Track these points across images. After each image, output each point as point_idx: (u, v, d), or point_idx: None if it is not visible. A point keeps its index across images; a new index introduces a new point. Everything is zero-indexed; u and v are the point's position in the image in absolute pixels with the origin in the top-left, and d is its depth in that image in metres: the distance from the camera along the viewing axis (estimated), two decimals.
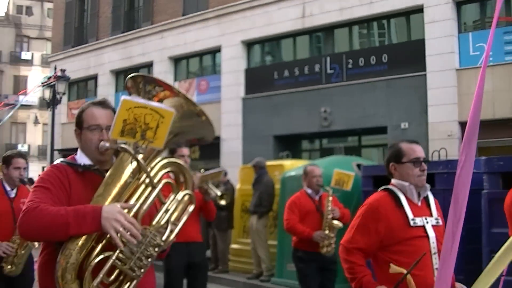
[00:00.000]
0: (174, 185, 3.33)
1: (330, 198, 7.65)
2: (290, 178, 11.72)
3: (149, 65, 25.85)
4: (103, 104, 3.43)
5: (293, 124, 19.36)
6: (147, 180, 3.09)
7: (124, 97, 2.93)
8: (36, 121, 49.64)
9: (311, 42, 21.24)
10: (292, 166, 12.74)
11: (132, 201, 3.07)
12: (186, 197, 3.35)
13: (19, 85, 50.82)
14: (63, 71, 22.65)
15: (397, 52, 18.21)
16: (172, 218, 3.24)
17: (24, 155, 6.62)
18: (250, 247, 12.84)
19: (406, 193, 4.17)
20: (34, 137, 50.03)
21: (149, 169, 3.10)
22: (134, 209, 3.01)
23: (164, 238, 3.13)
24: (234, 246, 14.00)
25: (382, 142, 18.90)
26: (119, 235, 2.85)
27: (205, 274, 7.65)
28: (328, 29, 20.09)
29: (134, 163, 3.08)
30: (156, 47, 25.12)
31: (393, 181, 4.29)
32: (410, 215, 4.07)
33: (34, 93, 27.36)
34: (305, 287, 7.98)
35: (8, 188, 6.42)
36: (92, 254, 2.93)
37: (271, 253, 12.36)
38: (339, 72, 19.18)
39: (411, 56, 17.64)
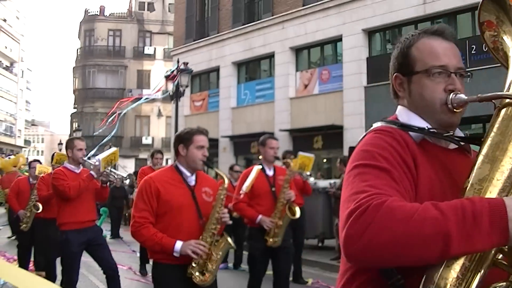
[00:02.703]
0: None
1: None
2: None
3: (270, 56, 26.31)
4: (443, 34, 2.17)
5: None
6: None
7: None
8: (159, 114, 51.15)
9: None
10: None
11: None
12: None
13: (143, 79, 52.70)
14: (185, 64, 23.33)
15: None
16: None
17: (205, 132, 5.16)
18: None
19: None
20: (157, 130, 51.49)
21: None
22: None
23: None
24: None
25: None
26: None
27: None
28: (451, 15, 19.72)
29: None
30: (277, 38, 25.45)
31: None
32: None
33: (157, 90, 28.06)
34: None
35: (187, 174, 5.04)
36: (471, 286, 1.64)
37: None
38: (462, 58, 18.71)
39: None
